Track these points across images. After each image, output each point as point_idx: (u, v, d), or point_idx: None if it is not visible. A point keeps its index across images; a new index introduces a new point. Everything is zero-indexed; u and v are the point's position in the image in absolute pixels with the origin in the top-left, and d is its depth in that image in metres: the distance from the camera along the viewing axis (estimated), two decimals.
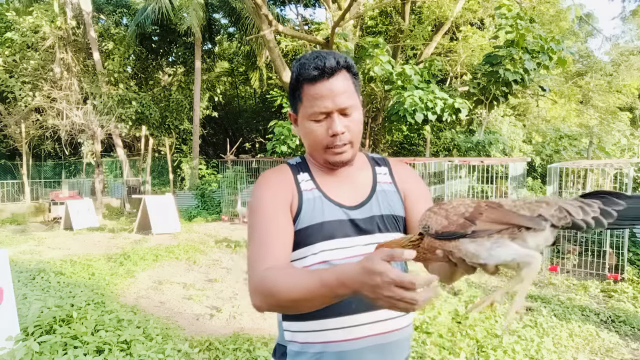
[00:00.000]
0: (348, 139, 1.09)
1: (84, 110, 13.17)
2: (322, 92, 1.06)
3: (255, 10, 11.08)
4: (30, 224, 12.03)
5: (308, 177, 1.16)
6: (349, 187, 1.16)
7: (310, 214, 1.09)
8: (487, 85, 8.86)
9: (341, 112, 1.07)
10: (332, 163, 1.12)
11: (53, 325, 3.40)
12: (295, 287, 0.90)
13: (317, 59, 1.06)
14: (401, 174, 1.23)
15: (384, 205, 1.14)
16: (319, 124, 1.09)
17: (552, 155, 12.75)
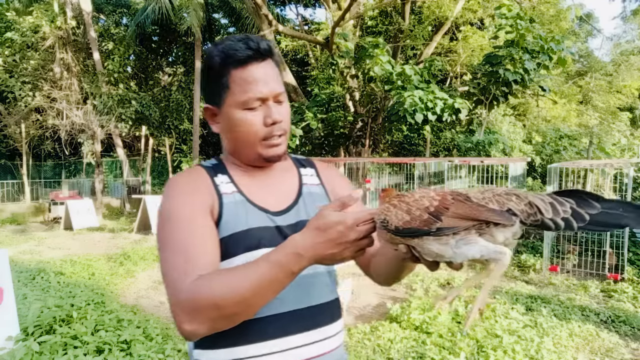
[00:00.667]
0: (284, 128, 1.00)
1: (84, 110, 13.18)
2: (256, 75, 0.95)
3: (255, 10, 11.08)
4: (30, 224, 12.03)
5: (227, 179, 1.01)
6: (273, 190, 1.04)
7: (233, 221, 0.95)
8: (487, 85, 8.86)
9: (275, 99, 0.98)
10: (267, 158, 1.00)
11: (53, 325, 3.40)
12: (241, 283, 0.77)
13: (246, 41, 0.94)
14: (328, 175, 1.14)
15: (311, 209, 1.03)
16: (254, 112, 0.96)
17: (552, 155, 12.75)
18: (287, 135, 1.02)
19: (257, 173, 1.05)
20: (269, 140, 0.98)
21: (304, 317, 0.96)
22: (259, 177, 1.05)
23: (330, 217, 0.76)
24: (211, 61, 0.97)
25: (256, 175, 1.05)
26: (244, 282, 0.77)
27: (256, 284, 0.77)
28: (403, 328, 3.94)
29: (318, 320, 0.98)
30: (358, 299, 4.90)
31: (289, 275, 0.78)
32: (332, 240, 0.76)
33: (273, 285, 0.78)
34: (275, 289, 0.79)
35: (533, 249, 7.15)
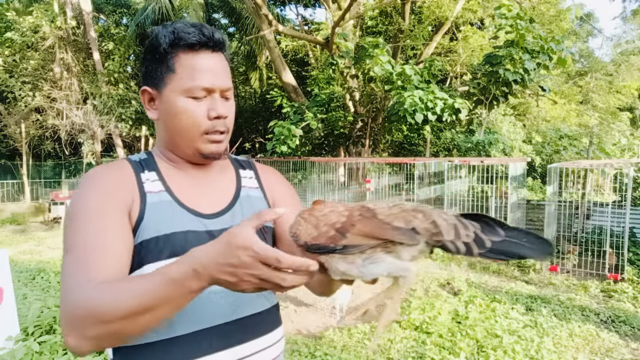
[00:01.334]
0: (227, 127, 0.93)
1: (84, 110, 13.19)
2: (206, 64, 0.88)
3: (255, 10, 11.08)
4: (30, 224, 12.02)
5: (155, 177, 0.91)
6: (207, 191, 0.95)
7: (156, 223, 0.85)
8: (487, 85, 8.86)
9: (223, 94, 0.91)
10: (205, 154, 0.92)
11: (53, 325, 3.40)
12: (129, 297, 0.66)
13: (200, 28, 0.88)
14: (269, 178, 1.06)
15: (248, 214, 0.94)
16: (198, 102, 0.88)
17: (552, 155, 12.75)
18: (229, 134, 0.94)
19: (192, 171, 0.96)
20: (210, 135, 0.90)
21: (233, 332, 0.87)
22: (192, 175, 0.95)
23: (239, 237, 0.63)
24: (157, 40, 0.88)
25: (190, 173, 0.95)
26: (132, 296, 0.66)
27: (145, 299, 0.65)
28: (403, 328, 3.94)
29: (250, 333, 0.90)
30: (358, 299, 4.91)
31: (186, 294, 0.66)
32: (231, 266, 0.63)
33: (166, 303, 0.66)
34: (169, 308, 0.67)
35: None
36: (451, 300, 4.62)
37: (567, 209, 7.15)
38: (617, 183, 8.27)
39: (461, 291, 4.97)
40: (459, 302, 4.56)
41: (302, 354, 3.44)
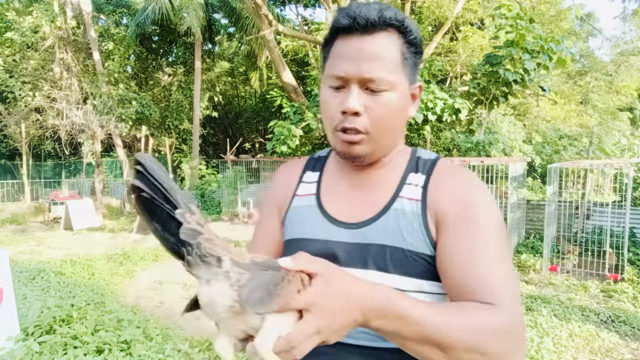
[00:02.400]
0: (365, 127, 0.76)
1: (84, 110, 13.17)
2: (347, 50, 0.75)
3: (255, 10, 11.08)
4: (30, 224, 12.02)
5: (314, 178, 0.89)
6: (358, 196, 0.83)
7: (292, 226, 0.85)
8: (487, 85, 8.86)
9: (364, 84, 0.75)
10: (339, 152, 0.82)
11: (53, 325, 3.40)
12: None
13: (356, 6, 0.75)
14: (441, 188, 0.79)
15: (392, 232, 0.77)
16: (336, 93, 0.78)
17: (552, 155, 12.75)
18: (370, 136, 0.77)
19: (351, 171, 0.86)
20: (339, 132, 0.78)
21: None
22: (350, 177, 0.85)
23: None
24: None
25: (348, 174, 0.86)
26: None
27: None
28: None
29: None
30: None
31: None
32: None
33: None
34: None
35: (533, 249, 7.15)
36: None
37: (567, 209, 7.15)
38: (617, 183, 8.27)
39: None
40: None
41: None
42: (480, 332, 0.62)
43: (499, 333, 0.63)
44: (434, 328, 0.60)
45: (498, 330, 0.63)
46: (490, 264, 0.70)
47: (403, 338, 0.61)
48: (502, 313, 0.65)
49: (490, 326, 0.63)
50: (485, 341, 0.61)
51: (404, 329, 0.60)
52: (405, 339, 0.61)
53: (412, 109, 0.83)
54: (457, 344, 0.60)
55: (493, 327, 0.63)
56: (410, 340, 0.61)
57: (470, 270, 0.70)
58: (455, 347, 0.60)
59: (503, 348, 0.62)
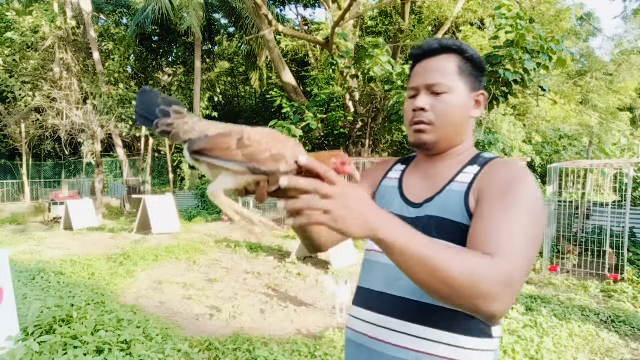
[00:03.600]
0: (429, 119, 1.01)
1: (84, 110, 13.18)
2: (419, 69, 1.05)
3: (255, 10, 11.08)
4: (30, 224, 12.02)
5: (401, 168, 1.16)
6: (425, 183, 1.07)
7: (379, 199, 1.11)
8: (487, 85, 8.85)
9: (429, 89, 1.02)
10: (412, 143, 1.07)
11: (53, 325, 3.40)
12: None
13: (426, 42, 1.06)
14: (490, 175, 0.97)
15: (440, 206, 0.99)
16: (411, 100, 1.06)
17: (552, 155, 12.74)
18: (435, 126, 1.02)
19: (425, 163, 1.10)
20: (412, 125, 1.04)
21: (386, 303, 1.01)
22: (424, 167, 1.10)
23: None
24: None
25: (423, 165, 1.11)
26: None
27: None
28: None
29: (398, 313, 0.99)
30: None
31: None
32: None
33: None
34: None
35: None
36: None
37: (567, 209, 7.15)
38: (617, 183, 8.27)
39: None
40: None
41: (302, 354, 3.44)
42: (473, 263, 0.74)
43: (489, 273, 0.74)
44: (432, 253, 0.72)
45: (489, 271, 0.74)
46: (510, 231, 0.83)
47: (402, 256, 0.73)
48: (496, 263, 0.76)
49: (483, 264, 0.75)
50: (477, 273, 0.73)
51: (404, 247, 0.72)
52: (403, 257, 0.72)
53: (475, 111, 1.06)
54: (450, 268, 0.72)
55: (486, 266, 0.75)
56: (407, 259, 0.73)
57: (488, 228, 0.84)
58: (448, 270, 0.72)
59: (490, 284, 0.73)
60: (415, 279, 0.74)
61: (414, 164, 1.15)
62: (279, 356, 3.30)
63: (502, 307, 0.74)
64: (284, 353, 3.41)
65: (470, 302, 0.73)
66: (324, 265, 6.45)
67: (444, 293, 0.73)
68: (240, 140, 0.75)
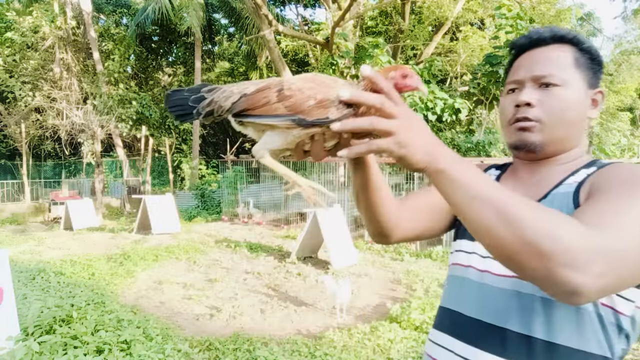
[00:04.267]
0: (537, 116, 0.84)
1: (84, 110, 13.18)
2: (523, 61, 0.89)
3: (255, 10, 11.08)
4: (30, 224, 12.03)
5: (496, 174, 1.00)
6: (526, 189, 0.89)
7: None
8: (487, 85, 8.86)
9: (536, 81, 0.85)
10: (512, 145, 0.89)
11: (53, 325, 3.40)
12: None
13: (533, 30, 0.91)
14: (605, 173, 0.80)
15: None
16: (510, 96, 0.89)
17: None
18: (543, 125, 0.84)
19: (524, 169, 0.93)
20: (513, 124, 0.88)
21: (470, 328, 0.85)
22: (522, 173, 0.93)
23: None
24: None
25: (522, 171, 0.93)
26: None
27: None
28: (403, 328, 3.94)
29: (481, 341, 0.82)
30: (358, 299, 4.90)
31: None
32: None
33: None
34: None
35: None
36: None
37: None
38: None
39: None
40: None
41: (302, 354, 3.44)
42: (560, 220, 0.59)
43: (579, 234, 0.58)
44: (505, 193, 0.61)
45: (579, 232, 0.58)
46: (617, 209, 0.65)
47: (466, 191, 0.62)
48: (587, 231, 0.59)
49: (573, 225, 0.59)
50: (562, 228, 0.58)
51: (471, 181, 0.62)
52: (467, 192, 0.62)
53: (592, 112, 0.88)
54: (527, 216, 0.58)
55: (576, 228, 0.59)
56: (473, 195, 0.61)
57: (589, 207, 0.69)
58: (523, 219, 0.58)
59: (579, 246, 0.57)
60: (477, 225, 0.62)
61: (511, 171, 0.98)
62: (279, 356, 3.30)
63: (587, 280, 0.56)
64: (284, 353, 3.41)
65: (545, 265, 0.57)
66: (324, 265, 6.45)
67: (511, 247, 0.59)
68: (280, 92, 0.68)
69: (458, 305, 0.89)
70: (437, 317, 0.95)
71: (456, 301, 0.90)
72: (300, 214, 10.67)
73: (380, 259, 6.92)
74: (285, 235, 9.14)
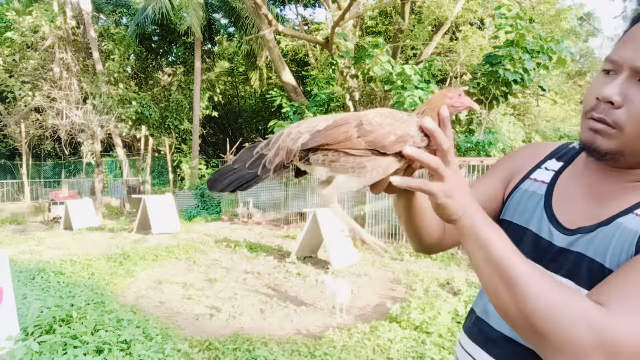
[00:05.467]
0: (617, 121, 0.67)
1: (84, 110, 13.19)
2: (635, 33, 0.68)
3: (255, 10, 11.09)
4: (30, 224, 12.03)
5: (556, 167, 0.83)
6: (589, 201, 0.75)
7: (514, 207, 0.83)
8: (487, 85, 8.87)
9: (637, 74, 0.66)
10: (582, 143, 0.74)
11: (53, 325, 3.41)
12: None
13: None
14: None
15: (598, 245, 0.69)
16: (604, 78, 0.71)
17: None
18: (621, 133, 0.67)
19: (596, 174, 0.76)
20: (587, 120, 0.71)
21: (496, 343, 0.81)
22: (590, 178, 0.77)
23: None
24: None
25: (590, 175, 0.77)
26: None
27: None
28: (403, 328, 3.94)
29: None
30: (358, 299, 4.90)
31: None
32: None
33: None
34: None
35: None
36: (451, 300, 4.62)
37: None
38: None
39: (461, 291, 4.97)
40: (459, 302, 4.56)
41: (302, 354, 3.44)
42: (569, 302, 0.56)
43: (587, 322, 0.54)
44: (516, 265, 0.61)
45: (588, 319, 0.54)
46: (632, 272, 0.60)
47: (481, 250, 0.64)
48: (604, 316, 0.55)
49: (584, 308, 0.55)
50: (567, 316, 0.55)
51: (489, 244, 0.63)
52: (481, 252, 0.64)
53: None
54: (531, 293, 0.58)
55: (587, 312, 0.55)
56: (484, 255, 0.63)
57: (621, 279, 0.61)
58: (527, 296, 0.58)
59: (583, 339, 0.53)
60: (486, 286, 0.64)
61: (576, 166, 0.81)
62: (279, 356, 3.30)
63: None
64: (284, 353, 3.41)
65: (541, 344, 0.57)
66: (324, 265, 6.45)
67: (513, 317, 0.60)
68: (360, 127, 0.68)
69: (492, 319, 0.83)
70: (470, 324, 0.89)
71: (492, 314, 0.83)
72: (300, 214, 10.67)
73: (380, 259, 6.92)
74: (285, 235, 9.14)
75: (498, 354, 0.79)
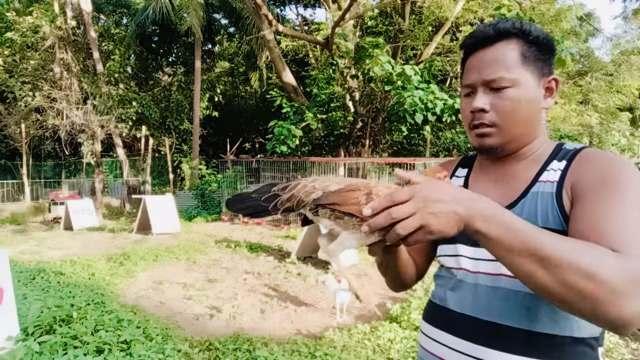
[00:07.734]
0: (491, 120, 0.87)
1: (84, 110, 13.19)
2: (473, 62, 0.90)
3: (255, 10, 11.08)
4: (30, 224, 12.03)
5: (464, 173, 1.03)
6: (500, 187, 0.92)
7: None
8: None
9: (487, 85, 0.87)
10: (475, 149, 0.95)
11: (53, 325, 3.41)
12: None
13: (478, 28, 0.91)
14: (582, 170, 0.82)
15: (530, 212, 0.84)
16: (467, 99, 0.92)
17: None
18: (499, 128, 0.88)
19: (492, 166, 0.96)
20: (472, 129, 0.92)
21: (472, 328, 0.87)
22: (492, 170, 0.96)
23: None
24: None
25: (490, 168, 0.97)
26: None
27: None
28: (403, 328, 3.94)
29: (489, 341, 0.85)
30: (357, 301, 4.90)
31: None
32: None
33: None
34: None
35: None
36: None
37: None
38: None
39: None
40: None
41: (302, 354, 3.44)
42: (594, 257, 0.62)
43: (615, 268, 0.61)
44: (540, 241, 0.63)
45: (615, 265, 0.62)
46: (624, 219, 0.70)
47: (504, 246, 0.65)
48: (624, 259, 0.64)
49: (607, 258, 0.63)
50: (598, 266, 0.61)
51: (507, 236, 0.64)
52: (505, 247, 0.65)
53: (547, 100, 0.90)
54: (564, 261, 0.62)
55: (611, 260, 0.62)
56: (511, 249, 0.64)
57: (601, 224, 0.71)
58: (561, 264, 0.62)
59: (618, 281, 0.60)
60: (521, 276, 0.66)
61: (478, 167, 1.01)
62: (279, 356, 3.30)
63: (634, 312, 0.60)
64: (284, 353, 3.41)
65: (591, 306, 0.61)
66: (324, 265, 6.45)
67: (556, 292, 0.63)
68: (369, 196, 0.75)
69: (452, 303, 0.93)
70: (430, 313, 0.99)
71: (450, 299, 0.93)
72: (300, 214, 10.67)
73: None
74: (285, 235, 9.14)
75: (461, 332, 0.88)
